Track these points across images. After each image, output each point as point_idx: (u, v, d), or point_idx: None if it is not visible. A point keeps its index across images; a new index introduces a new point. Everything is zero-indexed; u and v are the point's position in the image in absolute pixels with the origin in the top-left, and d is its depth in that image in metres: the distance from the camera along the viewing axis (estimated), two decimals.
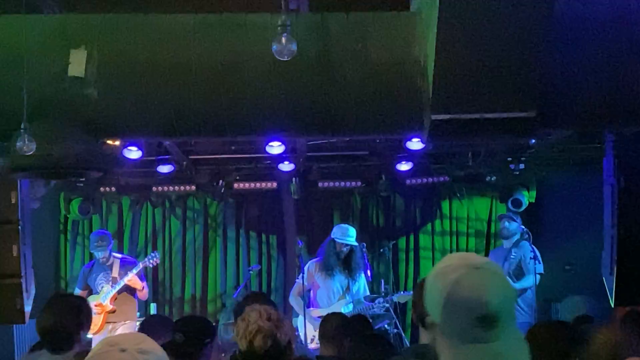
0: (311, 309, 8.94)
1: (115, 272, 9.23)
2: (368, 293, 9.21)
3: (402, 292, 9.33)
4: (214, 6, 6.09)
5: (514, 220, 9.34)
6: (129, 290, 9.26)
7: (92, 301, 9.07)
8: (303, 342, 8.62)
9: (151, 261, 9.55)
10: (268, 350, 3.89)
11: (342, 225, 9.31)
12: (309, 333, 8.59)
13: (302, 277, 9.01)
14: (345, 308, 8.88)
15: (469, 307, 2.08)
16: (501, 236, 9.74)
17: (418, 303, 3.83)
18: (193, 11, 6.02)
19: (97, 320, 9.01)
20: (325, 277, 8.84)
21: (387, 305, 9.07)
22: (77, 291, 9.36)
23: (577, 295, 7.69)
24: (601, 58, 5.74)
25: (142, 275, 9.38)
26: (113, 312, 9.09)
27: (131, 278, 9.17)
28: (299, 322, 9.05)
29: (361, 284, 9.12)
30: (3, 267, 8.20)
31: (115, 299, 9.14)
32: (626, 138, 7.80)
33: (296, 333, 8.78)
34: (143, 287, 9.34)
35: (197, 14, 5.98)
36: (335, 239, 9.01)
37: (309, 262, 9.28)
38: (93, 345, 2.49)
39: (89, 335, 8.89)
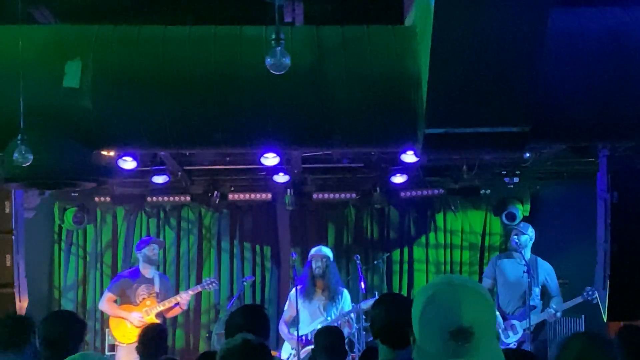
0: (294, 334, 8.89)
1: (157, 286, 9.22)
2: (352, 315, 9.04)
3: (366, 300, 9.17)
4: (209, 18, 6.11)
5: (524, 233, 9.25)
6: None
7: (137, 312, 9.07)
8: None
9: (210, 285, 9.55)
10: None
11: (316, 247, 9.23)
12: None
13: (286, 306, 9.05)
14: (319, 324, 8.83)
15: (441, 321, 2.09)
16: (511, 248, 9.66)
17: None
18: (188, 23, 6.03)
19: (136, 332, 9.01)
20: (304, 301, 8.78)
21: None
22: (108, 294, 9.30)
23: None
24: (594, 73, 5.77)
25: None
26: None
27: (185, 298, 9.23)
28: (283, 349, 9.03)
29: (345, 304, 8.95)
30: None
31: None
32: (620, 153, 7.82)
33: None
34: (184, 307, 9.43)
35: (192, 26, 6.00)
36: (311, 260, 8.95)
37: (293, 290, 9.22)
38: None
39: (121, 344, 8.97)
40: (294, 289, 8.94)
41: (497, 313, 9.03)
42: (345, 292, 9.03)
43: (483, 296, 2.16)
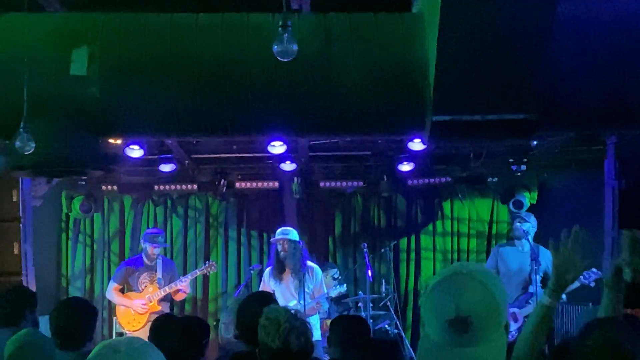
0: None
1: (159, 273, 9.25)
2: (325, 291, 8.88)
3: (336, 286, 9.21)
4: (216, 6, 6.09)
5: (527, 221, 9.26)
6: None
7: (138, 299, 9.12)
8: None
9: (208, 269, 9.59)
10: (302, 348, 3.90)
11: (280, 228, 9.15)
12: None
13: (261, 285, 9.02)
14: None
15: (441, 309, 2.12)
16: (513, 236, 9.69)
17: None
18: (195, 10, 6.02)
19: (141, 319, 9.09)
20: (275, 282, 8.77)
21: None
22: (113, 284, 9.36)
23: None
24: (603, 60, 5.75)
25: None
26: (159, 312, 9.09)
27: (185, 283, 9.26)
28: None
29: (316, 282, 8.85)
30: (4, 264, 8.24)
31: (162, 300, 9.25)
32: (627, 140, 7.81)
33: None
34: (186, 291, 9.46)
35: (199, 13, 5.99)
36: (275, 243, 8.91)
37: (267, 269, 9.15)
38: None
39: (128, 331, 9.02)
40: (267, 269, 8.93)
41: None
42: (316, 269, 8.91)
43: (487, 287, 2.15)
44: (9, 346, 4.09)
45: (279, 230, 8.88)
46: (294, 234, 8.79)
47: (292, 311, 4.10)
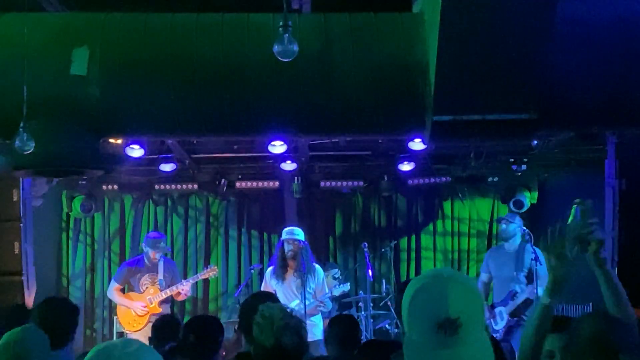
0: None
1: (161, 274, 9.22)
2: (327, 291, 8.72)
3: (339, 285, 9.21)
4: (216, 6, 6.10)
5: (512, 222, 9.31)
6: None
7: (139, 300, 9.10)
8: None
9: (209, 273, 9.55)
10: (296, 346, 3.89)
11: (288, 228, 9.06)
12: None
13: (262, 285, 8.97)
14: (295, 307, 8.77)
15: (429, 312, 2.13)
16: (500, 238, 9.74)
17: None
18: (195, 10, 6.03)
19: (141, 320, 9.07)
20: (277, 282, 8.72)
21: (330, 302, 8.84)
22: (114, 284, 9.32)
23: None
24: (603, 60, 5.75)
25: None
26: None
27: (186, 286, 9.23)
28: None
29: (317, 282, 8.79)
30: (5, 264, 8.25)
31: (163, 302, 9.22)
32: (628, 140, 7.80)
33: None
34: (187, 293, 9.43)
35: (199, 13, 5.99)
36: (282, 240, 8.82)
37: (268, 269, 9.10)
38: None
39: (128, 332, 9.00)
40: (269, 268, 8.89)
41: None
42: (318, 269, 8.85)
43: (471, 289, 2.20)
44: (4, 339, 4.09)
45: (287, 229, 8.84)
46: (302, 234, 8.80)
47: (288, 309, 4.09)
